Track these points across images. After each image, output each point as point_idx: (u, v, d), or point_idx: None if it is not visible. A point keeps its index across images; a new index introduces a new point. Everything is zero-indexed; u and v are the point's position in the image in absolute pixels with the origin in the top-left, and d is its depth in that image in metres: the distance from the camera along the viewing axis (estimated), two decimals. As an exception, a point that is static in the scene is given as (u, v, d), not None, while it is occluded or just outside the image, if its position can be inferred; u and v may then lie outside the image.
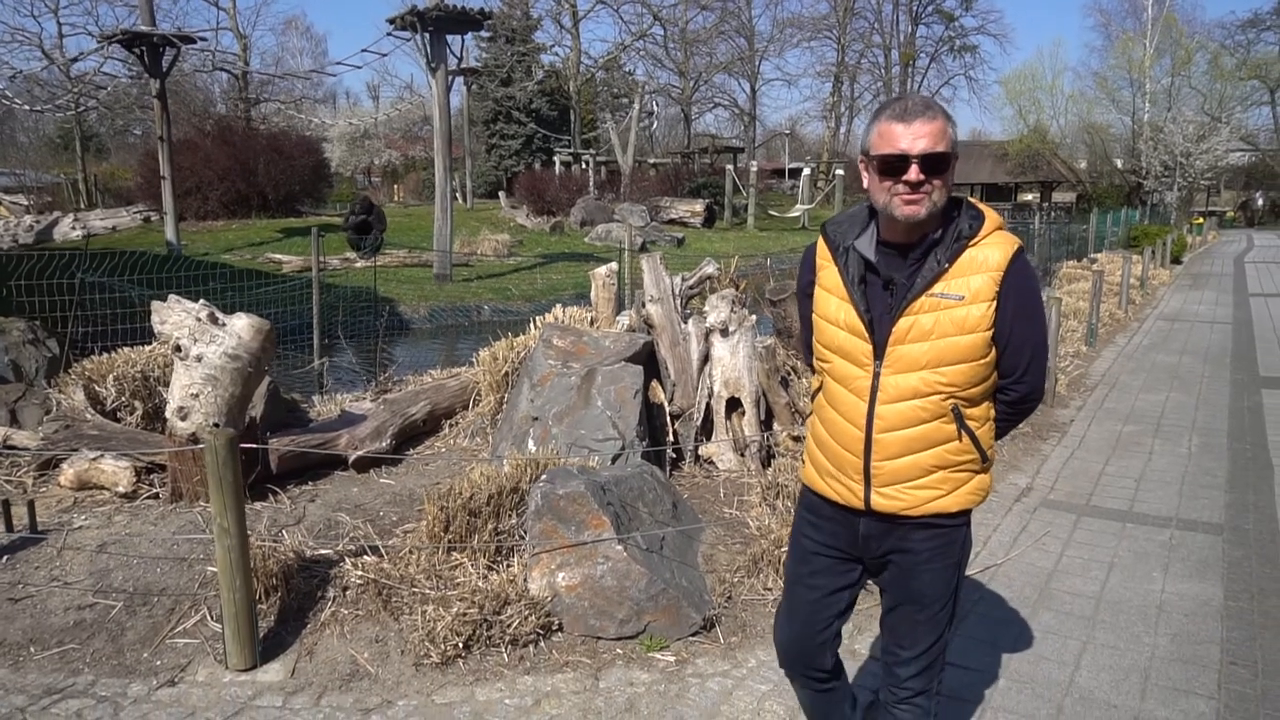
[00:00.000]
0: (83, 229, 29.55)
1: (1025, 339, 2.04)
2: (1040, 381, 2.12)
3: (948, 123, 1.97)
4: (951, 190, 2.01)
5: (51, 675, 3.35)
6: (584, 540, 3.49)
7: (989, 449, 2.13)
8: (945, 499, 2.09)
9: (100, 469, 4.78)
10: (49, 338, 6.60)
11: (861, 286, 2.06)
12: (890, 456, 2.08)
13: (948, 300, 1.98)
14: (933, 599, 2.17)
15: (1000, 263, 1.98)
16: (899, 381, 2.03)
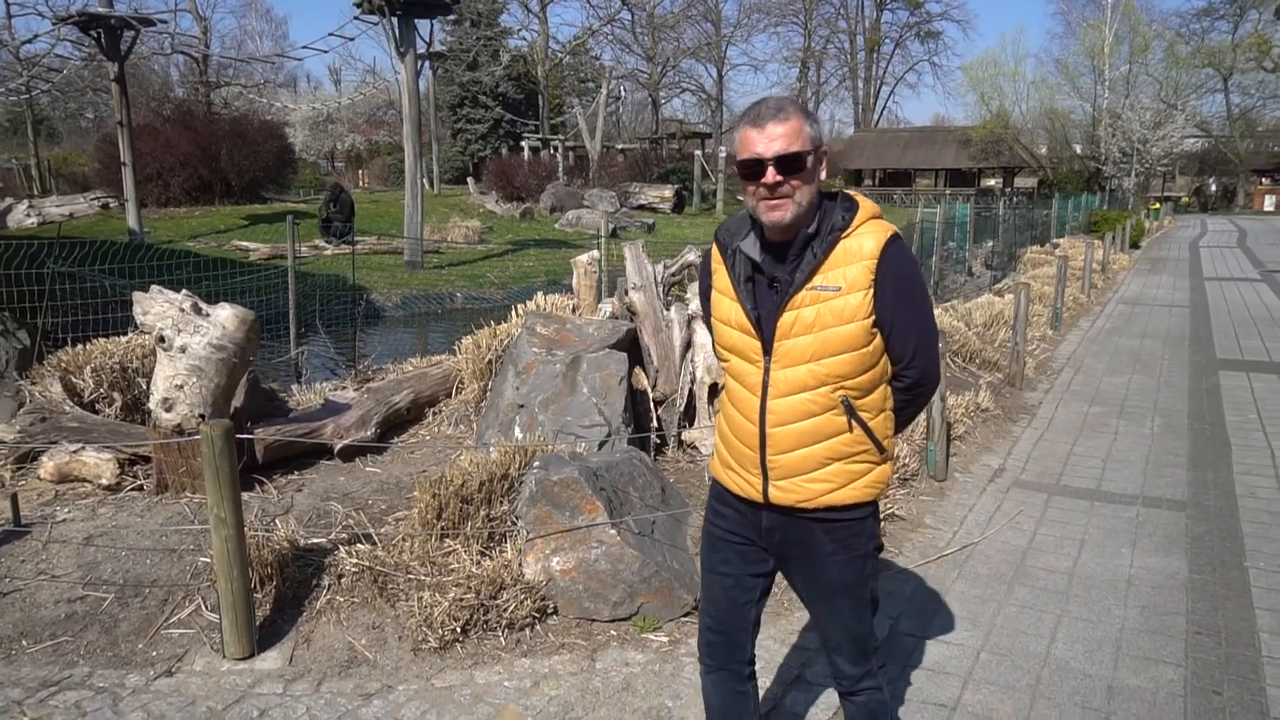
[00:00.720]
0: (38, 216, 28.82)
1: (908, 324, 2.06)
2: (932, 367, 2.15)
3: (805, 121, 1.98)
4: (821, 186, 2.04)
5: (46, 668, 3.35)
6: (578, 525, 3.56)
7: (885, 440, 2.14)
8: (841, 491, 2.11)
9: (82, 461, 4.75)
10: (19, 329, 6.50)
11: (749, 286, 2.09)
12: (784, 450, 2.10)
13: (826, 292, 2.00)
14: (846, 588, 2.19)
15: (874, 251, 2.00)
16: (788, 376, 2.06)
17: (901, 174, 51.48)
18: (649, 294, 5.40)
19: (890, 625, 3.66)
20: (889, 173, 51.98)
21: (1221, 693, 3.18)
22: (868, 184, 51.38)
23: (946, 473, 5.35)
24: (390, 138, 50.21)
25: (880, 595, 2.29)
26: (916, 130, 54.68)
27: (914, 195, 47.44)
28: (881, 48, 55.99)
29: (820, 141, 2.02)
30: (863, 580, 2.19)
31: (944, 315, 8.72)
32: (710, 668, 2.38)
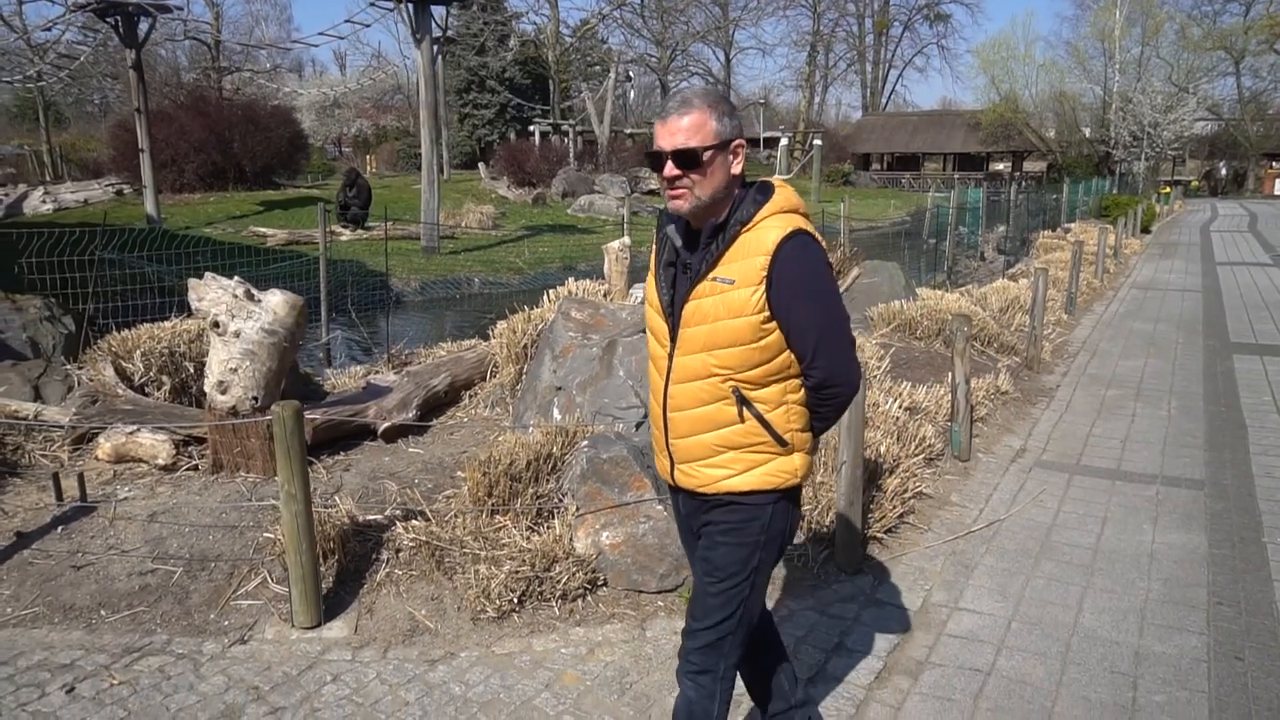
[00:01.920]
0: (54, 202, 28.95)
1: (806, 322, 2.02)
2: (839, 369, 2.08)
3: (710, 115, 1.98)
4: (731, 178, 2.04)
5: (127, 636, 3.54)
6: (627, 501, 3.73)
7: (787, 434, 2.11)
8: (738, 478, 2.11)
9: (138, 442, 4.93)
10: (65, 314, 6.68)
11: (670, 271, 2.13)
12: (681, 435, 2.14)
13: (722, 284, 2.01)
14: (725, 573, 2.16)
15: (769, 247, 1.98)
16: (686, 363, 2.08)
17: (910, 158, 51.35)
18: (681, 280, 5.54)
19: (923, 598, 3.83)
20: (897, 157, 51.84)
21: (1243, 658, 3.35)
22: (876, 168, 51.28)
23: (970, 453, 5.50)
24: (398, 122, 50.23)
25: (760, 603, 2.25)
26: (925, 114, 54.50)
27: (922, 179, 47.38)
28: (890, 31, 55.73)
29: (732, 136, 2.01)
30: (745, 571, 2.16)
31: (960, 300, 8.85)
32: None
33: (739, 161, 2.04)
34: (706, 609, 2.19)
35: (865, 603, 3.78)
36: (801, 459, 2.16)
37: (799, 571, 4.00)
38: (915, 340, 7.94)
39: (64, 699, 3.12)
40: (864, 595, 3.84)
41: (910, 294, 8.97)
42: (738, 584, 2.17)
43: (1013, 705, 3.08)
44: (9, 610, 3.71)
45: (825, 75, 54.98)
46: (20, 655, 3.40)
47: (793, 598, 3.78)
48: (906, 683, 3.22)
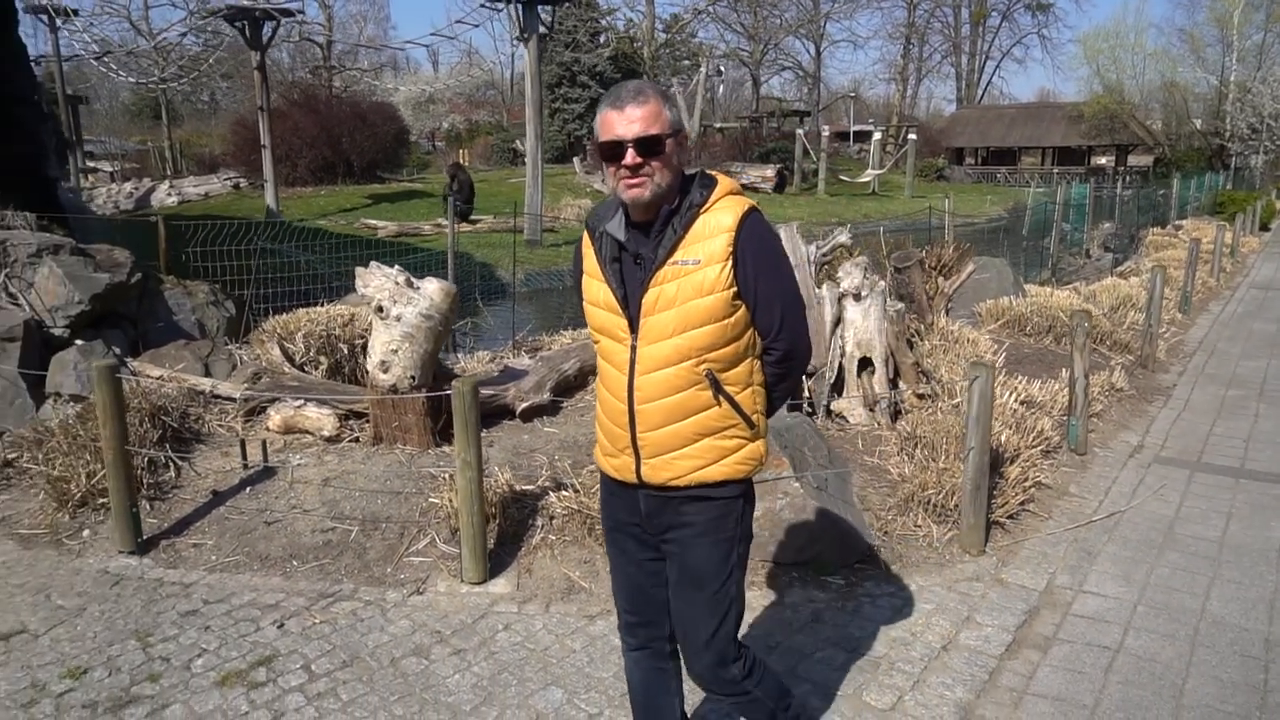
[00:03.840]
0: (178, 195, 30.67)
1: (771, 294, 2.08)
2: (799, 339, 2.16)
3: (663, 105, 2.04)
4: (680, 167, 2.09)
5: (318, 583, 3.99)
6: (766, 478, 4.00)
7: (753, 415, 2.15)
8: (711, 468, 2.13)
9: (305, 415, 5.43)
10: (226, 299, 7.31)
11: (616, 266, 2.13)
12: (653, 427, 2.12)
13: (686, 266, 2.04)
14: (709, 576, 2.18)
15: (731, 224, 2.04)
16: (653, 352, 2.08)
17: (1005, 152, 49.88)
18: (802, 272, 5.76)
19: (1048, 580, 3.99)
20: (992, 150, 50.44)
21: (1376, 649, 3.42)
22: (969, 162, 50.04)
23: (1087, 447, 5.58)
24: (490, 117, 51.46)
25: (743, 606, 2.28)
26: (1022, 107, 52.85)
27: (1019, 174, 46.04)
28: (987, 21, 54.26)
29: (680, 126, 2.08)
30: (726, 569, 2.18)
31: (1070, 297, 8.81)
32: (631, 646, 2.43)
33: (684, 151, 2.12)
34: (699, 621, 2.19)
35: (991, 582, 3.96)
36: (762, 444, 2.21)
37: (924, 551, 4.20)
38: (1025, 336, 7.96)
39: (276, 633, 3.57)
40: (989, 575, 4.02)
41: (1018, 291, 8.97)
42: (724, 585, 2.18)
43: (1143, 680, 3.23)
44: (214, 558, 4.22)
45: (919, 67, 53.90)
46: (232, 595, 3.88)
47: (921, 575, 4.00)
48: (1036, 655, 3.41)
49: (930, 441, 4.87)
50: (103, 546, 4.34)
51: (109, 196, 26.33)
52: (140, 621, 3.66)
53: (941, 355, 6.30)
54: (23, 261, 6.20)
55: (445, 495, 4.36)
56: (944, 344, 6.49)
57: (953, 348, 6.43)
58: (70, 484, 4.62)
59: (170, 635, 3.55)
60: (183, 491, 4.79)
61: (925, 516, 4.36)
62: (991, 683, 3.23)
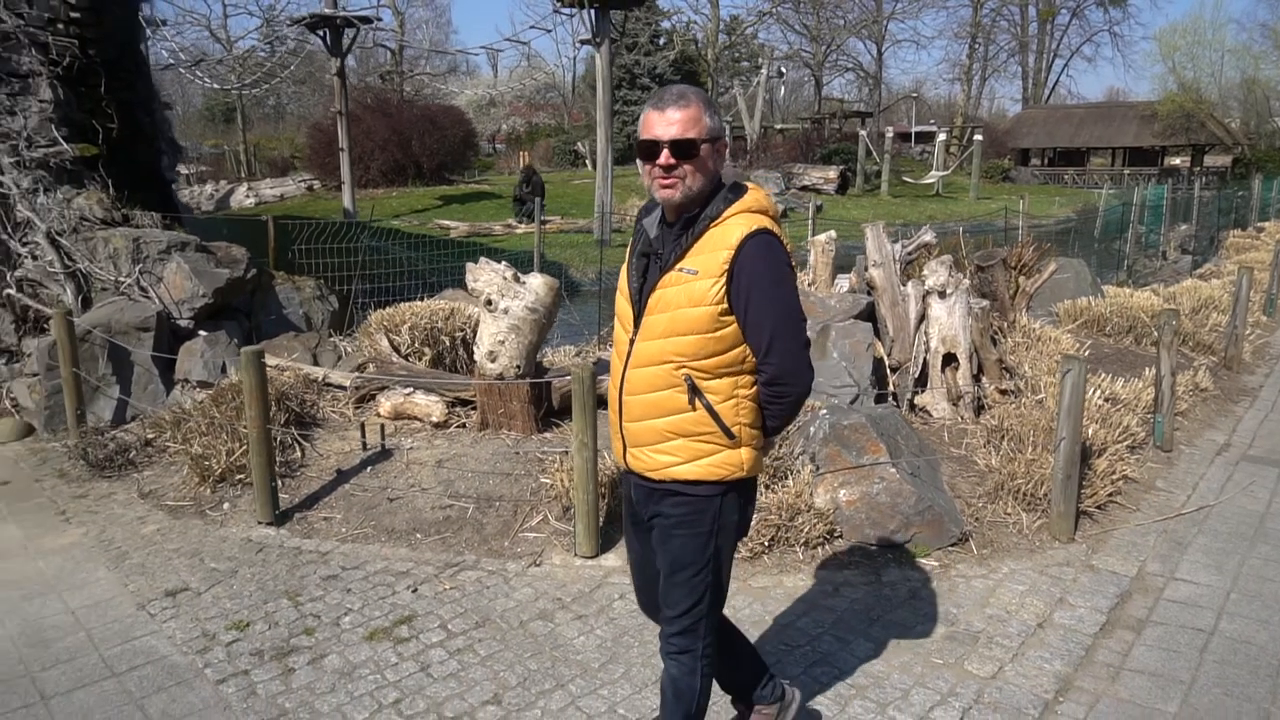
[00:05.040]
0: (255, 197, 31.76)
1: (762, 317, 2.09)
2: (790, 366, 2.15)
3: (704, 111, 2.08)
4: (714, 173, 2.13)
5: (442, 554, 4.31)
6: (864, 463, 4.20)
7: (735, 426, 2.18)
8: (686, 466, 2.19)
9: (414, 402, 5.78)
10: (330, 293, 7.74)
11: (642, 261, 2.21)
12: (634, 419, 2.22)
13: (686, 275, 2.10)
14: (684, 565, 2.26)
15: (733, 242, 2.07)
16: (644, 348, 2.16)
17: (1073, 153, 48.79)
18: (887, 270, 5.95)
19: (1139, 567, 4.12)
20: (1059, 151, 49.41)
21: None
22: (1035, 164, 49.08)
23: (1172, 444, 5.65)
24: (551, 119, 52.11)
25: (726, 584, 2.37)
26: (1091, 107, 51.63)
27: (1087, 175, 45.04)
28: (1056, 18, 53.13)
29: (720, 133, 2.13)
30: (702, 559, 2.25)
31: (1149, 298, 8.79)
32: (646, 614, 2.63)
33: (722, 159, 2.16)
34: (675, 599, 2.31)
35: (1081, 568, 4.11)
36: (749, 454, 2.22)
37: (1014, 537, 4.36)
38: (1104, 337, 7.99)
39: (411, 596, 3.89)
40: (1079, 561, 4.16)
41: (1096, 291, 8.97)
42: (699, 572, 2.26)
43: (1238, 660, 3.36)
44: (344, 530, 4.58)
45: (984, 67, 53.03)
46: (366, 563, 4.22)
47: (1012, 559, 4.16)
48: (1130, 636, 3.56)
49: (1017, 434, 5.01)
50: (242, 518, 4.73)
51: (192, 198, 27.45)
52: (288, 583, 4.02)
53: (1024, 352, 6.41)
54: (153, 258, 6.68)
55: (556, 476, 4.65)
56: (1026, 341, 6.59)
57: (1035, 345, 6.53)
58: (211, 461, 5.03)
59: (316, 596, 3.90)
60: (309, 470, 5.17)
61: (1015, 505, 4.51)
62: (1088, 658, 3.39)
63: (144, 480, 5.29)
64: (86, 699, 3.19)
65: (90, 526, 4.72)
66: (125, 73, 7.86)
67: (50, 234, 6.76)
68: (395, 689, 3.21)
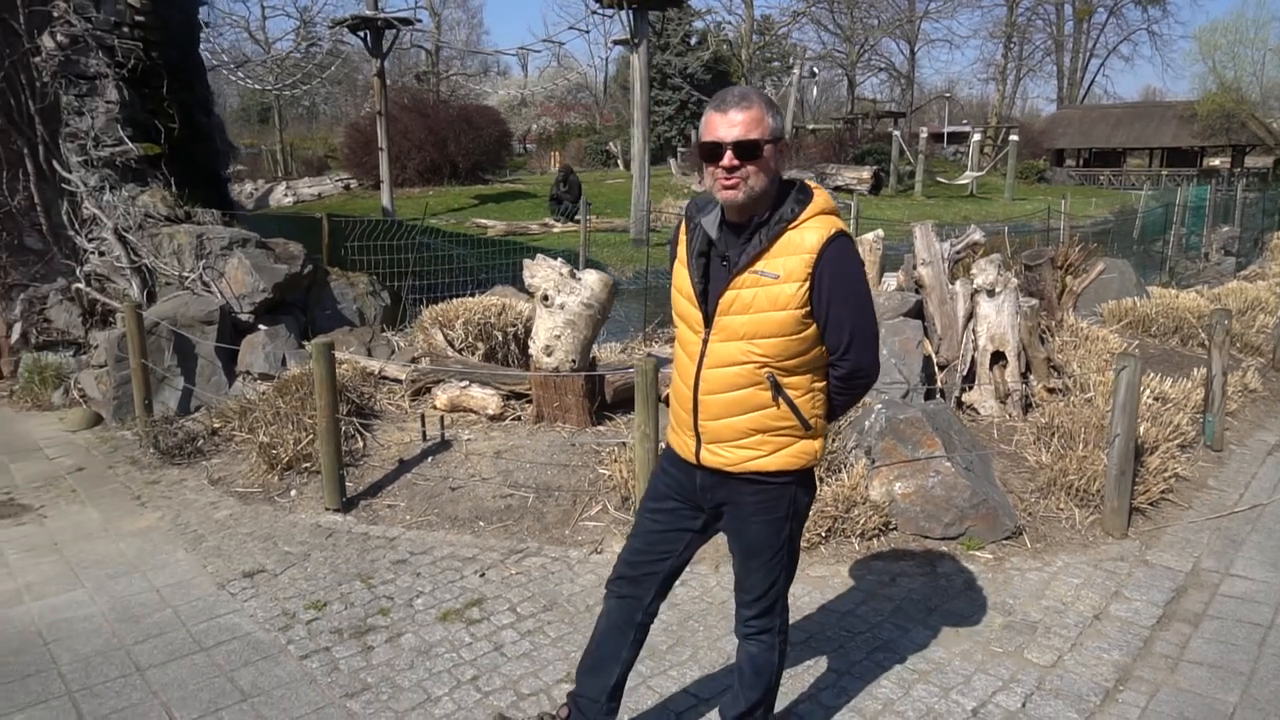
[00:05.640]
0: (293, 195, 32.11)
1: (843, 318, 2.15)
2: (867, 361, 2.24)
3: (766, 112, 2.10)
4: (776, 174, 2.15)
5: (506, 541, 4.44)
6: (919, 457, 4.28)
7: (811, 418, 2.26)
8: (765, 459, 2.25)
9: (470, 395, 5.93)
10: (383, 289, 7.93)
11: (702, 260, 2.23)
12: (713, 417, 2.25)
13: (765, 278, 2.13)
14: (762, 549, 2.35)
15: (815, 245, 2.11)
16: (722, 349, 2.19)
17: (1109, 153, 48.18)
18: (936, 269, 6.00)
19: (1193, 563, 4.16)
20: (1095, 152, 48.81)
21: None
22: (1070, 164, 48.53)
23: (1223, 444, 5.66)
24: (581, 119, 52.34)
25: (796, 563, 2.46)
26: (1129, 106, 50.94)
27: (1123, 176, 44.47)
28: (1093, 17, 52.49)
29: (781, 134, 2.14)
30: (779, 543, 2.35)
31: (1195, 299, 8.74)
32: (612, 594, 2.57)
33: (784, 159, 2.20)
34: (753, 582, 2.41)
35: (1135, 563, 4.15)
36: (819, 443, 2.33)
37: (1067, 532, 4.41)
38: (1149, 337, 7.97)
39: (479, 581, 4.02)
40: (1133, 556, 4.21)
41: (1141, 292, 8.95)
42: (775, 555, 2.36)
43: (1297, 653, 3.41)
44: (408, 517, 4.73)
45: (1018, 67, 52.51)
46: (432, 549, 4.36)
47: (1066, 553, 4.22)
48: (1187, 629, 3.61)
49: (1068, 431, 5.06)
50: (309, 504, 4.90)
51: (234, 196, 27.93)
52: (359, 567, 4.17)
53: (1071, 351, 6.43)
54: (215, 253, 6.89)
55: (614, 467, 4.77)
56: (1073, 340, 6.61)
57: (1082, 344, 6.55)
58: (278, 449, 5.21)
59: (388, 579, 4.05)
60: (371, 459, 5.33)
61: (1067, 500, 4.56)
62: (1146, 649, 3.44)
63: (212, 467, 5.49)
64: (179, 671, 3.35)
65: (165, 511, 4.91)
66: (185, 74, 8.10)
67: (117, 230, 6.99)
68: (472, 667, 3.34)
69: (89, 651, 3.49)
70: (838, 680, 3.23)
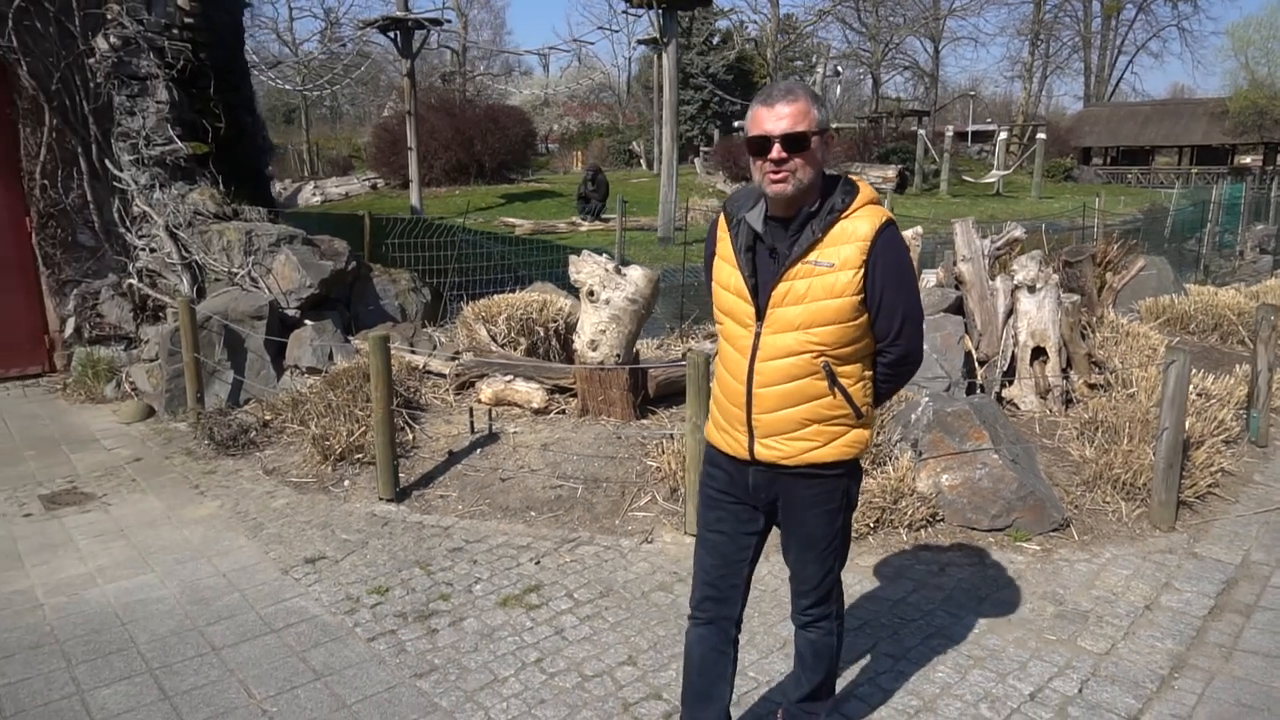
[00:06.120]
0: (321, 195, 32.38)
1: (895, 304, 2.20)
2: (916, 345, 2.30)
3: (811, 104, 2.13)
4: (822, 166, 2.18)
5: (558, 530, 4.53)
6: (966, 449, 4.33)
7: (863, 406, 2.30)
8: (820, 450, 2.28)
9: (515, 389, 6.03)
10: (424, 286, 8.05)
11: (749, 255, 2.25)
12: (768, 410, 2.26)
13: (820, 268, 2.16)
14: (818, 540, 2.40)
15: (868, 234, 2.16)
16: (776, 341, 2.21)
17: (1137, 152, 47.69)
18: (976, 265, 6.04)
19: (1243, 556, 4.18)
20: (1123, 150, 48.33)
21: None
22: (1097, 163, 48.09)
23: (1267, 440, 5.66)
24: (603, 119, 52.47)
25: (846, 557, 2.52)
26: (1157, 104, 50.39)
27: (1151, 174, 44.01)
28: (1121, 14, 51.95)
29: (826, 126, 2.16)
30: (833, 533, 2.41)
31: (1234, 296, 8.70)
32: (700, 621, 2.51)
33: (829, 151, 2.21)
34: (809, 573, 2.46)
35: (1184, 555, 4.18)
36: (870, 432, 2.39)
37: (1114, 525, 4.44)
38: (1188, 334, 7.95)
39: (534, 568, 4.12)
40: (1182, 549, 4.24)
41: (1178, 289, 8.92)
42: (830, 546, 2.42)
43: (1351, 644, 3.43)
44: (460, 507, 4.83)
45: (1045, 65, 52.06)
46: (486, 537, 4.46)
47: (1114, 545, 4.25)
48: (1239, 619, 3.64)
49: (1113, 426, 5.08)
50: (362, 494, 5.02)
51: (271, 195, 28.24)
52: (417, 554, 4.28)
53: (1113, 347, 6.44)
54: (264, 250, 7.04)
55: (663, 459, 4.85)
56: (1114, 337, 6.62)
57: (1123, 340, 6.55)
58: (331, 440, 5.33)
59: (445, 566, 4.15)
60: (421, 451, 5.44)
61: (1113, 494, 4.59)
62: (1199, 639, 3.48)
63: (266, 458, 5.62)
64: (252, 651, 3.47)
65: (224, 500, 5.04)
66: (231, 75, 8.26)
67: (169, 227, 7.16)
68: (535, 649, 3.43)
69: (164, 632, 3.62)
70: (894, 665, 3.29)
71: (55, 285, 7.43)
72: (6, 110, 7.08)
